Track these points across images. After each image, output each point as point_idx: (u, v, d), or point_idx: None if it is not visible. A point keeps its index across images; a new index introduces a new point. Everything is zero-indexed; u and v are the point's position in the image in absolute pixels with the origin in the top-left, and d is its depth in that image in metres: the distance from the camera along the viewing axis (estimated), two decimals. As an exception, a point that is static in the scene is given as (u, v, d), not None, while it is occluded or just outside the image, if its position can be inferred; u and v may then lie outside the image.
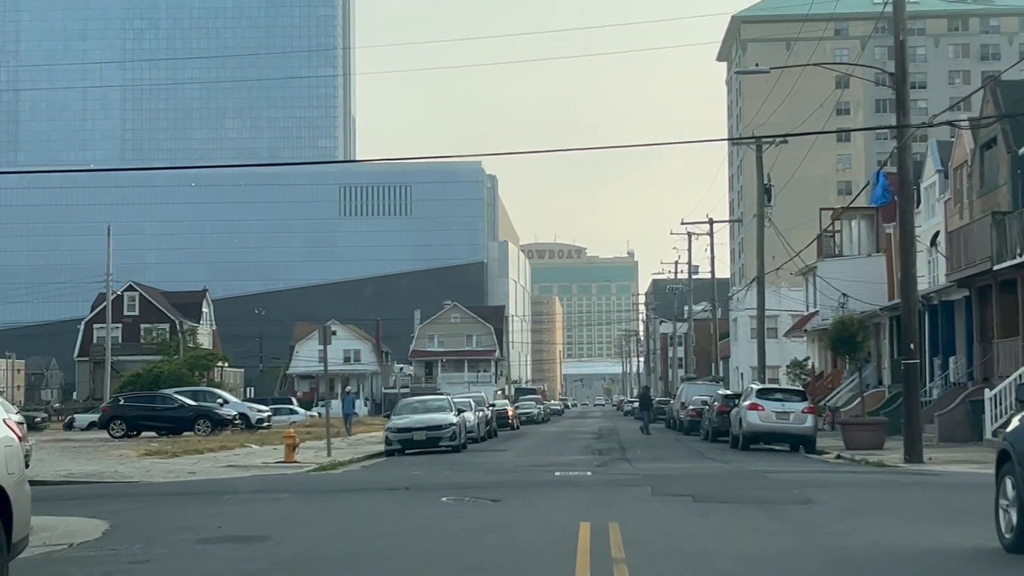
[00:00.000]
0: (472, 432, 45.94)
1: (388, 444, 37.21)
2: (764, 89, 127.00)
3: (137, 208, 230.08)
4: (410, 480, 22.68)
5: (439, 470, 27.31)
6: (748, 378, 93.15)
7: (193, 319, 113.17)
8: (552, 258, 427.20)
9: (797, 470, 25.24)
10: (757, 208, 53.12)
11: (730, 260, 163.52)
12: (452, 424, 37.37)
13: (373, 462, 33.95)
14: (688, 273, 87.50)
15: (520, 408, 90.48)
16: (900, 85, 29.55)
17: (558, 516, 15.33)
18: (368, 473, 27.71)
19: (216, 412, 47.62)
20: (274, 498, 18.55)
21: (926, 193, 61.02)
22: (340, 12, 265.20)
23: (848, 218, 72.03)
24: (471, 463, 30.54)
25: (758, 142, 54.39)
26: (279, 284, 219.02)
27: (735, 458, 32.11)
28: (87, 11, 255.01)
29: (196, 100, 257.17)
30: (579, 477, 23.09)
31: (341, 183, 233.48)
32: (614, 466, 28.34)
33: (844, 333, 36.95)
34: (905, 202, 31.75)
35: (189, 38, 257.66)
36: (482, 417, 48.66)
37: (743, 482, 20.98)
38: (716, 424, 44.80)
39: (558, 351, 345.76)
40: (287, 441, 31.13)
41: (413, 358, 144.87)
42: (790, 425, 36.20)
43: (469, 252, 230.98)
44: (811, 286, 73.73)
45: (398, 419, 38.19)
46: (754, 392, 37.65)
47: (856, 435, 36.19)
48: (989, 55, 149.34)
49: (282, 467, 29.36)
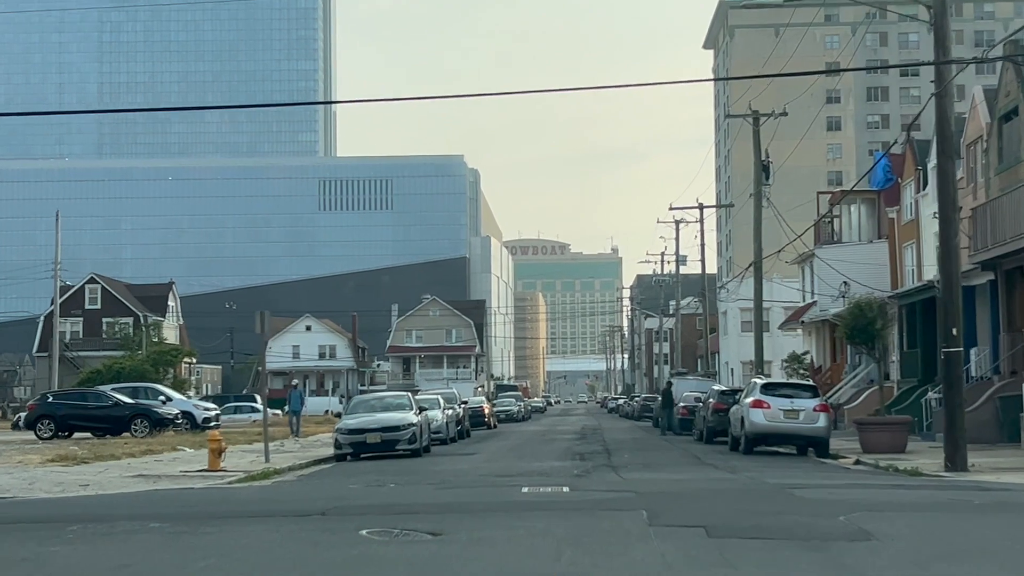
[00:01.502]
0: (440, 433, 41.16)
1: (338, 447, 32.33)
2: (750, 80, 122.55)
3: (113, 202, 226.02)
4: (337, 499, 17.83)
5: (384, 482, 22.51)
6: (739, 374, 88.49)
7: (158, 313, 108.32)
8: (536, 254, 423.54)
9: (825, 483, 20.41)
10: (754, 186, 48.49)
11: (717, 254, 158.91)
12: (411, 425, 32.49)
13: (315, 470, 29.14)
14: (675, 262, 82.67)
15: (499, 406, 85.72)
16: (939, 18, 24.75)
17: (515, 567, 10.54)
18: (296, 487, 22.83)
19: (155, 411, 42.80)
20: (137, 528, 13.72)
21: (934, 174, 56.25)
22: (320, 5, 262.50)
23: (848, 203, 67.59)
24: (427, 472, 25.74)
25: (755, 115, 49.75)
26: (258, 280, 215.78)
27: (740, 464, 27.34)
28: (64, 3, 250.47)
29: (175, 94, 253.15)
30: (553, 495, 18.35)
31: (321, 177, 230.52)
32: (598, 476, 23.46)
33: (861, 320, 32.25)
34: (945, 160, 27.11)
35: (168, 30, 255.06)
36: (452, 416, 43.78)
37: (766, 503, 16.14)
38: (712, 423, 40.08)
39: (541, 348, 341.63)
40: (211, 445, 26.32)
41: (391, 354, 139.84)
42: (800, 425, 31.44)
43: (451, 247, 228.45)
44: (808, 275, 69.23)
45: (350, 419, 33.09)
46: (758, 388, 32.76)
47: (875, 436, 31.54)
48: (984, 41, 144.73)
49: (201, 476, 24.57)
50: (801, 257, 69.81)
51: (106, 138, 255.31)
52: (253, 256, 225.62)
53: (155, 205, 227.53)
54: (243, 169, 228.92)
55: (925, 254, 56.62)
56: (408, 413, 33.15)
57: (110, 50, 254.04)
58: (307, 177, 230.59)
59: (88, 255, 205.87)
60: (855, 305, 33.45)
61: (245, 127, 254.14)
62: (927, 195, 56.76)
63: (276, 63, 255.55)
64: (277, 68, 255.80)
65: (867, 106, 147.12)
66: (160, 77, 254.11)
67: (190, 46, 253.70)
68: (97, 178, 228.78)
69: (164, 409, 43.78)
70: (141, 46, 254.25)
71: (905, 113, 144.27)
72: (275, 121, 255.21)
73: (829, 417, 31.87)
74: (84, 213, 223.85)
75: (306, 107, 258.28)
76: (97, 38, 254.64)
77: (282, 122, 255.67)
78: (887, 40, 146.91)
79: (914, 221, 58.41)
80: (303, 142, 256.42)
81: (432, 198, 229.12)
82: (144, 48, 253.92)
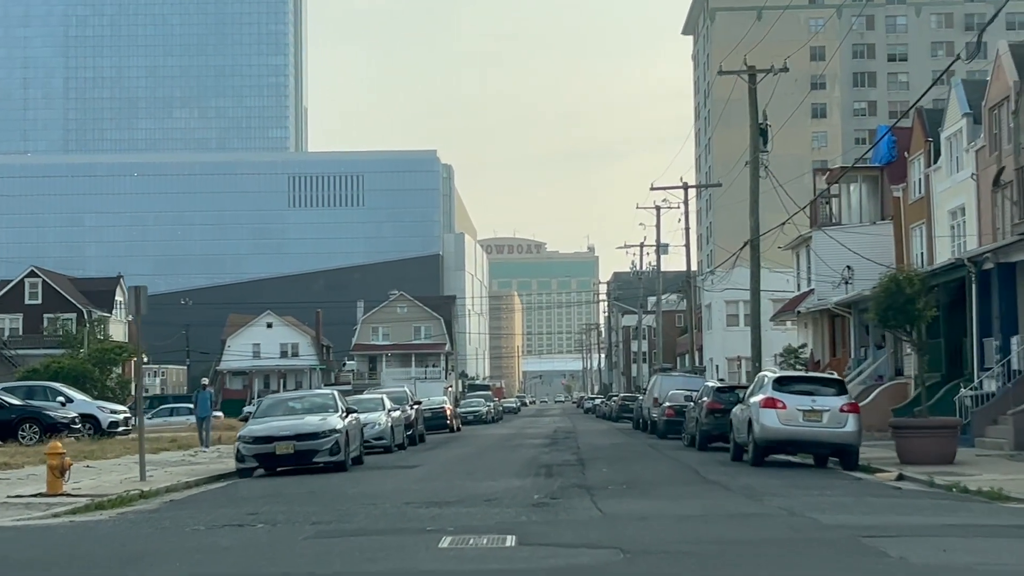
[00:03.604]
0: (382, 439, 34.64)
1: (240, 460, 25.59)
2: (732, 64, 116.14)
3: (76, 199, 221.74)
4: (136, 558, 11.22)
5: (258, 518, 16.01)
6: (724, 371, 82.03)
7: (105, 308, 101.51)
8: (511, 253, 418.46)
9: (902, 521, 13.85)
10: (750, 152, 42.09)
11: (697, 247, 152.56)
12: (334, 431, 25.65)
13: (201, 491, 22.56)
14: (656, 248, 76.04)
15: (466, 406, 79.31)
16: None
17: None
18: (123, 528, 16.03)
19: (47, 414, 36.07)
20: None
21: (948, 144, 50.02)
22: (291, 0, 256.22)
23: (847, 181, 61.37)
24: (337, 496, 19.21)
25: (751, 71, 43.36)
26: (225, 278, 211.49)
27: (756, 483, 20.74)
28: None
29: (142, 89, 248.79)
30: (489, 551, 12.05)
31: (291, 173, 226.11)
32: (566, 507, 16.75)
33: (898, 298, 25.61)
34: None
35: (135, 24, 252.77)
36: (399, 419, 37.03)
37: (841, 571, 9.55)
38: (707, 427, 33.49)
39: (517, 348, 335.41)
40: (50, 461, 19.78)
41: (356, 352, 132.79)
42: (824, 429, 24.84)
43: (424, 244, 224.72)
44: (803, 261, 62.91)
45: (257, 424, 26.31)
46: (770, 383, 26.10)
47: (916, 444, 25.12)
48: (975, 24, 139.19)
49: (25, 505, 17.94)
50: (796, 241, 63.64)
51: (72, 134, 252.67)
52: (221, 254, 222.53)
53: (120, 202, 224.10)
54: (211, 165, 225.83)
55: (937, 234, 50.22)
56: (331, 416, 26.36)
57: (76, 44, 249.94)
58: (277, 173, 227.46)
59: (50, 252, 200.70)
60: (890, 279, 26.82)
61: (215, 123, 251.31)
62: (940, 168, 50.44)
63: (246, 58, 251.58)
64: (247, 63, 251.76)
65: (853, 92, 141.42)
66: (127, 72, 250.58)
67: (157, 40, 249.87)
68: (59, 174, 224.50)
69: (59, 412, 37.05)
70: (108, 40, 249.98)
71: (893, 100, 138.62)
72: (245, 117, 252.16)
73: (859, 420, 25.25)
74: (46, 210, 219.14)
75: (277, 103, 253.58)
76: (63, 32, 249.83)
77: (252, 118, 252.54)
78: (874, 23, 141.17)
79: (923, 199, 52.15)
80: (274, 138, 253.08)
81: (404, 194, 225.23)
82: (111, 43, 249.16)
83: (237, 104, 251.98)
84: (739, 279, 71.81)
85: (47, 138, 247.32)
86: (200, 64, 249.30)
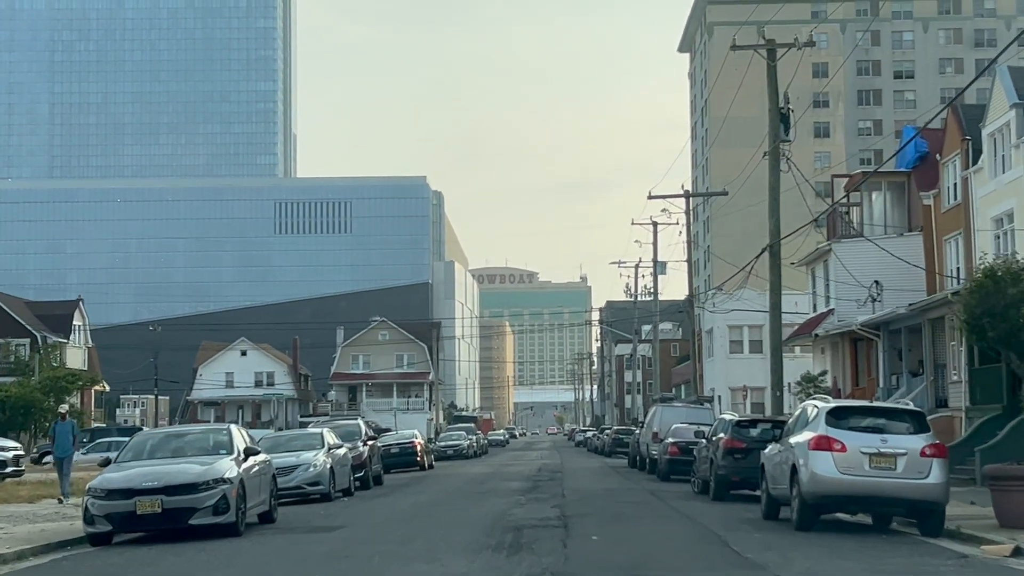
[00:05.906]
0: (319, 484, 27.64)
1: (89, 522, 18.81)
2: (732, 80, 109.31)
3: (57, 225, 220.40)
4: None
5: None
6: (727, 402, 74.94)
7: (61, 334, 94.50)
8: (503, 283, 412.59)
9: None
10: (769, 142, 35.34)
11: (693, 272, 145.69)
12: (220, 482, 18.65)
13: (15, 569, 15.44)
14: (653, 264, 69.16)
15: (445, 440, 72.17)
16: None
17: None
18: None
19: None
20: None
21: (991, 141, 43.27)
22: (280, 25, 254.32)
23: (869, 188, 54.79)
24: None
25: (770, 45, 36.69)
26: (209, 305, 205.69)
27: (823, 570, 13.74)
28: (13, 22, 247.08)
29: (128, 115, 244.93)
30: None
31: (277, 199, 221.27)
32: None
33: (997, 301, 18.58)
34: None
35: (121, 50, 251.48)
36: (343, 458, 29.86)
37: None
38: (724, 470, 26.33)
39: (508, 378, 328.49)
40: None
41: (334, 382, 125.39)
42: (899, 481, 17.70)
43: (413, 272, 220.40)
44: (819, 279, 56.18)
45: (116, 473, 19.29)
46: (823, 416, 18.76)
47: (1022, 500, 18.06)
48: (984, 41, 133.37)
49: None
50: (811, 256, 56.96)
51: (57, 160, 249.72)
52: (205, 281, 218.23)
53: (102, 228, 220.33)
54: (196, 190, 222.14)
55: (978, 245, 43.27)
56: (221, 461, 19.12)
57: (62, 69, 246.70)
58: (263, 199, 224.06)
59: (31, 280, 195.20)
60: (986, 276, 19.81)
61: (202, 149, 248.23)
62: (981, 170, 43.64)
63: (234, 84, 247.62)
64: (235, 89, 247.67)
65: (858, 111, 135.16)
66: (113, 98, 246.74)
67: (144, 65, 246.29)
68: (40, 199, 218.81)
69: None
70: (94, 65, 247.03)
71: (899, 119, 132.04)
72: (233, 144, 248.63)
73: (947, 467, 18.07)
74: (28, 236, 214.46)
75: (266, 130, 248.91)
76: (48, 57, 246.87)
77: (240, 144, 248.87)
78: (879, 39, 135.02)
79: (960, 206, 45.38)
80: (262, 165, 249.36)
81: (393, 221, 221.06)
82: (97, 68, 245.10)
83: (225, 130, 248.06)
84: (744, 301, 64.88)
85: (32, 164, 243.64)
86: (188, 90, 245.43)
